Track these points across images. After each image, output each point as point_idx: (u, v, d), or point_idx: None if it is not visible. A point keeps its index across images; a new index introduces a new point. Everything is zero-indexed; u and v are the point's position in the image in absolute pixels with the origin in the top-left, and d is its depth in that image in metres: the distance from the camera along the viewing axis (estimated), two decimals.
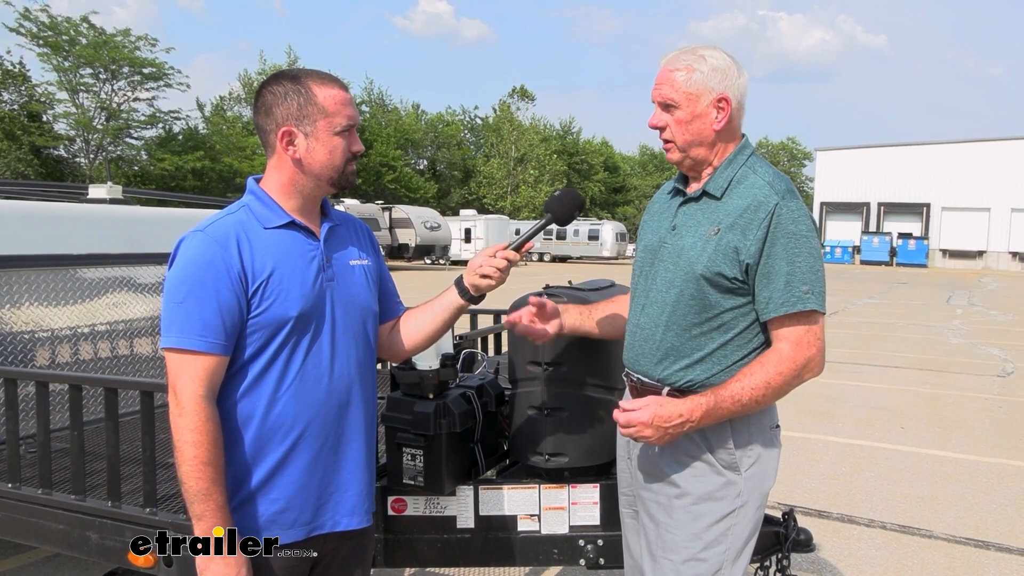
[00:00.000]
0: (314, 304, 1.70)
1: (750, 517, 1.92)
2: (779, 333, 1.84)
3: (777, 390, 1.82)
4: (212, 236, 1.64)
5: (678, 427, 1.81)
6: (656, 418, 1.80)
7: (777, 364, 1.82)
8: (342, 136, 1.73)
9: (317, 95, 1.70)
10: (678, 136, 1.92)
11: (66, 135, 39.66)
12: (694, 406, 1.80)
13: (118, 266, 3.92)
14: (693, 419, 1.80)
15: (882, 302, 20.49)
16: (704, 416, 1.81)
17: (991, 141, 47.39)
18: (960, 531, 4.50)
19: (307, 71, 1.75)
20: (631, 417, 1.82)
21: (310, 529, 1.74)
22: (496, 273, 1.86)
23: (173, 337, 1.60)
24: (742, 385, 1.81)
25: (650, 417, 1.80)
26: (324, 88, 1.71)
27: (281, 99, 1.70)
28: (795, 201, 1.85)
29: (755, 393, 1.80)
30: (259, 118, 1.74)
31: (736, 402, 1.81)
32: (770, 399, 1.84)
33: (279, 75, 1.75)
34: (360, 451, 1.82)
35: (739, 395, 1.81)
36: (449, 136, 59.97)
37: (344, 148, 1.74)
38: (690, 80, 1.88)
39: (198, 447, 1.56)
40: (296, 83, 1.71)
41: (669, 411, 1.80)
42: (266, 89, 1.73)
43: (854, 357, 10.67)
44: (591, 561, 2.39)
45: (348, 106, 1.74)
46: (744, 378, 1.82)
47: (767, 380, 1.81)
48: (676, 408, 1.80)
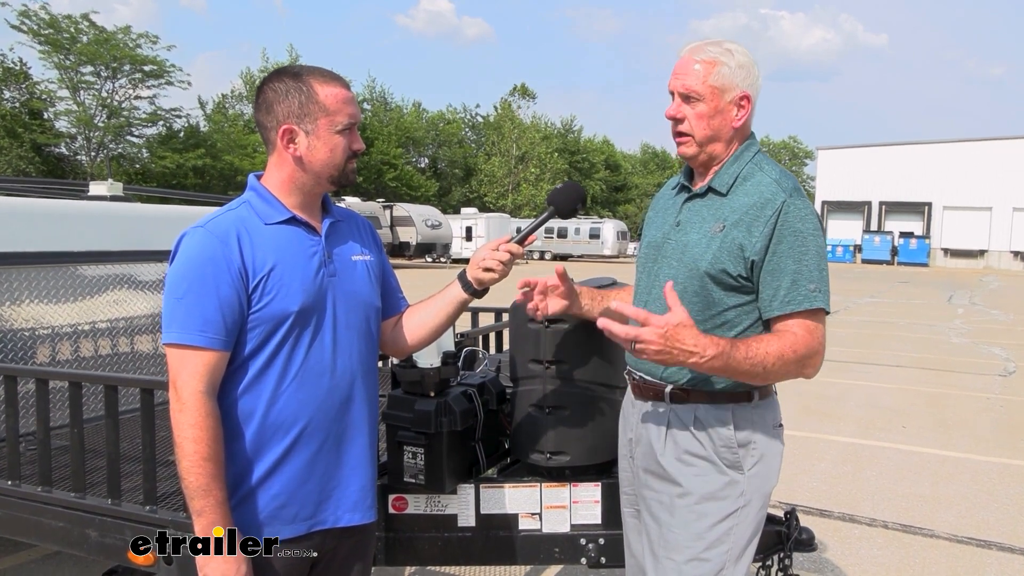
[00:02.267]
0: (315, 299, 1.70)
1: (753, 516, 1.91)
2: (783, 329, 1.81)
3: (786, 365, 1.75)
4: (213, 232, 1.63)
5: (684, 354, 1.68)
6: (671, 332, 1.67)
7: (793, 342, 1.76)
8: (343, 135, 1.72)
9: (319, 93, 1.68)
10: (697, 130, 1.88)
11: (67, 133, 39.69)
12: (709, 343, 1.69)
13: (119, 263, 3.91)
14: (704, 355, 1.69)
15: (883, 301, 20.48)
16: (715, 358, 1.69)
17: (992, 140, 47.38)
18: (962, 530, 4.49)
19: (309, 68, 1.73)
20: (650, 316, 1.69)
21: (311, 524, 1.74)
22: (499, 266, 1.86)
23: (174, 333, 1.59)
24: (759, 346, 1.74)
25: (666, 325, 1.67)
26: (326, 86, 1.70)
27: (283, 96, 1.68)
28: (802, 199, 1.83)
29: (767, 360, 1.73)
30: (260, 115, 1.73)
31: (748, 359, 1.72)
32: (776, 374, 1.77)
33: (280, 72, 1.73)
34: (362, 447, 1.81)
35: (753, 355, 1.72)
36: (450, 134, 59.96)
37: (345, 146, 1.73)
38: (718, 74, 1.84)
39: (198, 443, 1.56)
40: (298, 80, 1.69)
41: (687, 333, 1.68)
42: (267, 86, 1.71)
43: (855, 356, 10.66)
44: (592, 560, 2.38)
45: (350, 104, 1.72)
46: (760, 342, 1.75)
47: (781, 351, 1.74)
48: (692, 335, 1.68)
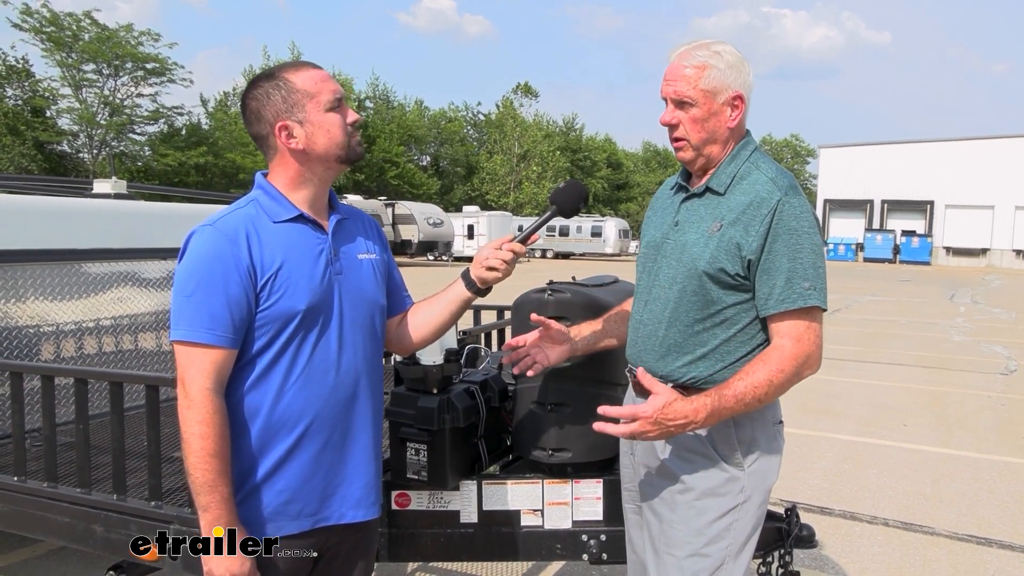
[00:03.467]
0: (322, 297, 1.71)
1: (753, 513, 1.92)
2: (779, 328, 1.83)
3: (779, 387, 1.81)
4: (221, 230, 1.65)
5: (681, 427, 1.79)
6: (660, 416, 1.78)
7: (779, 361, 1.80)
8: (335, 111, 1.74)
9: (295, 81, 1.71)
10: (692, 134, 1.89)
11: (69, 130, 39.66)
12: (698, 406, 1.78)
13: (123, 261, 3.93)
14: (697, 420, 1.78)
15: (885, 299, 20.46)
16: (709, 416, 1.79)
17: (995, 139, 47.26)
18: (962, 528, 4.50)
19: (278, 66, 1.77)
20: (637, 410, 1.80)
21: (315, 520, 1.75)
22: (502, 265, 1.87)
23: (182, 330, 1.61)
24: (745, 383, 1.79)
25: (654, 412, 1.78)
26: (299, 73, 1.73)
27: (265, 99, 1.71)
28: (798, 197, 1.84)
29: (758, 391, 1.79)
30: (252, 127, 1.75)
31: (739, 401, 1.79)
32: (772, 396, 1.83)
33: (254, 80, 1.77)
34: (367, 444, 1.82)
35: (742, 394, 1.79)
36: (452, 132, 59.86)
37: (340, 122, 1.74)
38: (708, 77, 1.85)
39: (205, 439, 1.57)
40: (272, 79, 1.72)
41: (675, 410, 1.78)
42: (248, 97, 1.74)
43: (857, 354, 10.66)
44: (594, 556, 2.40)
45: (328, 81, 1.75)
46: (747, 376, 1.80)
47: (769, 378, 1.79)
48: (680, 408, 1.78)
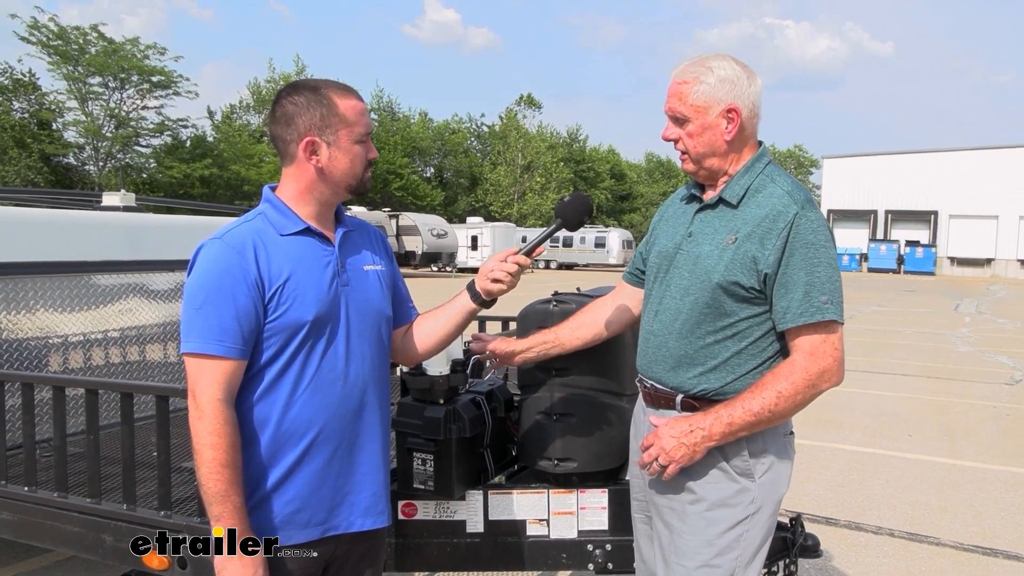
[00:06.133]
0: (329, 309, 1.73)
1: (763, 524, 1.93)
2: (796, 343, 1.84)
3: (791, 401, 1.81)
4: (229, 243, 1.68)
5: (702, 442, 1.83)
6: (675, 437, 1.83)
7: (790, 376, 1.81)
8: (361, 145, 1.77)
9: (339, 105, 1.74)
10: (691, 148, 1.93)
11: (75, 143, 39.90)
12: (711, 421, 1.82)
13: (131, 273, 3.97)
14: (713, 436, 1.82)
15: (890, 310, 20.41)
16: (723, 435, 1.82)
17: (999, 149, 47.16)
18: (968, 539, 4.49)
19: (325, 81, 1.78)
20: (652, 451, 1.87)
21: (324, 529, 1.77)
22: (507, 277, 1.89)
23: (192, 342, 1.64)
24: (756, 399, 1.80)
25: (668, 437, 1.84)
26: (344, 99, 1.76)
27: (303, 109, 1.73)
28: (814, 211, 1.86)
29: (766, 404, 1.80)
30: (278, 128, 1.76)
31: (752, 415, 1.80)
32: (786, 411, 1.83)
33: (298, 85, 1.78)
34: (375, 453, 1.84)
35: (754, 409, 1.80)
36: (456, 144, 60.00)
37: (363, 156, 1.78)
38: (696, 93, 1.88)
39: (216, 449, 1.60)
40: (317, 94, 1.74)
41: (682, 426, 1.84)
42: (286, 99, 1.75)
43: (862, 365, 10.63)
44: (599, 566, 2.40)
45: (365, 115, 1.80)
46: (758, 391, 1.81)
47: (780, 393, 1.80)
48: (690, 423, 1.84)
